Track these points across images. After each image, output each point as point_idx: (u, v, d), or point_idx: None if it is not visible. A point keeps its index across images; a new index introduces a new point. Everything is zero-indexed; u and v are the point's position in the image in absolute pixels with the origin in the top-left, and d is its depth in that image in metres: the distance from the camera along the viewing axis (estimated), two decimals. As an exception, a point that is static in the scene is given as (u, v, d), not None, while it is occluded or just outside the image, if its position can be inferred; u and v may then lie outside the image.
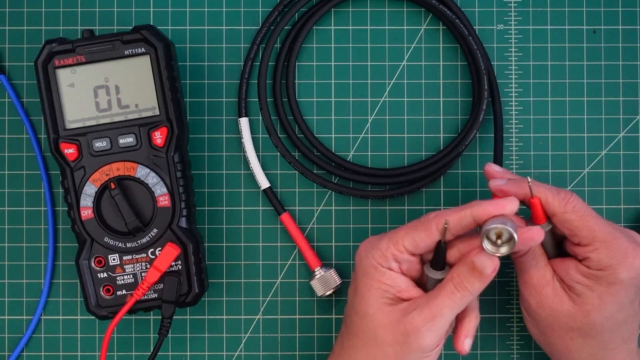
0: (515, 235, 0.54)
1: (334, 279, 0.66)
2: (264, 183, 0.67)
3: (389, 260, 0.56)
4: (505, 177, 0.59)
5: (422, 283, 0.58)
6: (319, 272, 0.66)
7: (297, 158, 0.68)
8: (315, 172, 0.67)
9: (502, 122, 0.67)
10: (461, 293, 0.56)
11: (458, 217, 0.55)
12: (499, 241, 0.55)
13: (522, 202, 0.58)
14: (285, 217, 0.67)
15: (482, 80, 0.66)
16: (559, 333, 0.59)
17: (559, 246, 0.61)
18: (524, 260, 0.59)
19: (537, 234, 0.55)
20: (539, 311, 0.59)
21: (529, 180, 0.57)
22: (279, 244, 0.68)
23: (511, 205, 0.55)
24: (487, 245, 0.55)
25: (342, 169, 0.67)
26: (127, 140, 0.63)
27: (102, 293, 0.63)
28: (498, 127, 0.67)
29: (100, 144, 0.62)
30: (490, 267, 0.55)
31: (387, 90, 0.68)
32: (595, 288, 0.57)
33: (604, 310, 0.57)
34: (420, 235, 0.56)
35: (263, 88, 0.67)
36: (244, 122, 0.67)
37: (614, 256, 0.56)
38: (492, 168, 0.60)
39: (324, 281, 0.66)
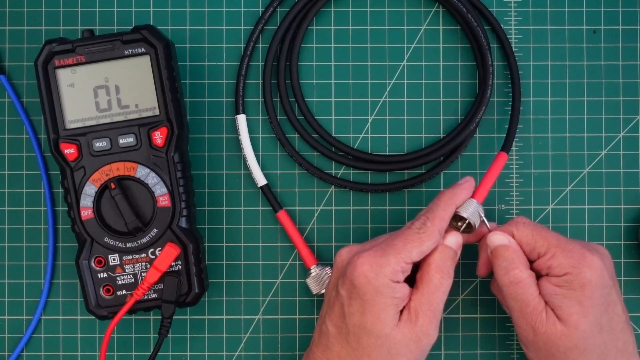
0: (476, 225, 0.61)
1: (329, 277, 0.66)
2: (260, 180, 0.67)
3: (398, 274, 0.58)
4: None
5: (408, 278, 0.60)
6: (314, 270, 0.66)
7: (304, 157, 0.68)
8: (326, 171, 0.68)
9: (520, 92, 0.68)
10: (447, 280, 0.59)
11: (449, 213, 0.60)
12: (460, 223, 0.61)
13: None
14: (281, 214, 0.67)
15: (486, 56, 0.66)
16: (559, 358, 0.59)
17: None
18: (518, 290, 0.59)
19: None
20: (536, 340, 0.59)
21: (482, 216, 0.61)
22: (278, 244, 0.68)
23: (470, 188, 0.62)
24: (452, 222, 0.61)
25: (348, 158, 0.67)
26: (127, 140, 0.63)
27: (102, 293, 0.63)
28: (516, 97, 0.67)
29: (100, 144, 0.62)
30: (455, 242, 0.60)
31: (387, 90, 0.68)
32: (570, 294, 0.58)
33: (588, 315, 0.58)
34: (428, 245, 0.59)
35: (268, 87, 0.67)
36: (241, 119, 0.67)
37: (571, 257, 0.58)
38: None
39: (319, 279, 0.66)
